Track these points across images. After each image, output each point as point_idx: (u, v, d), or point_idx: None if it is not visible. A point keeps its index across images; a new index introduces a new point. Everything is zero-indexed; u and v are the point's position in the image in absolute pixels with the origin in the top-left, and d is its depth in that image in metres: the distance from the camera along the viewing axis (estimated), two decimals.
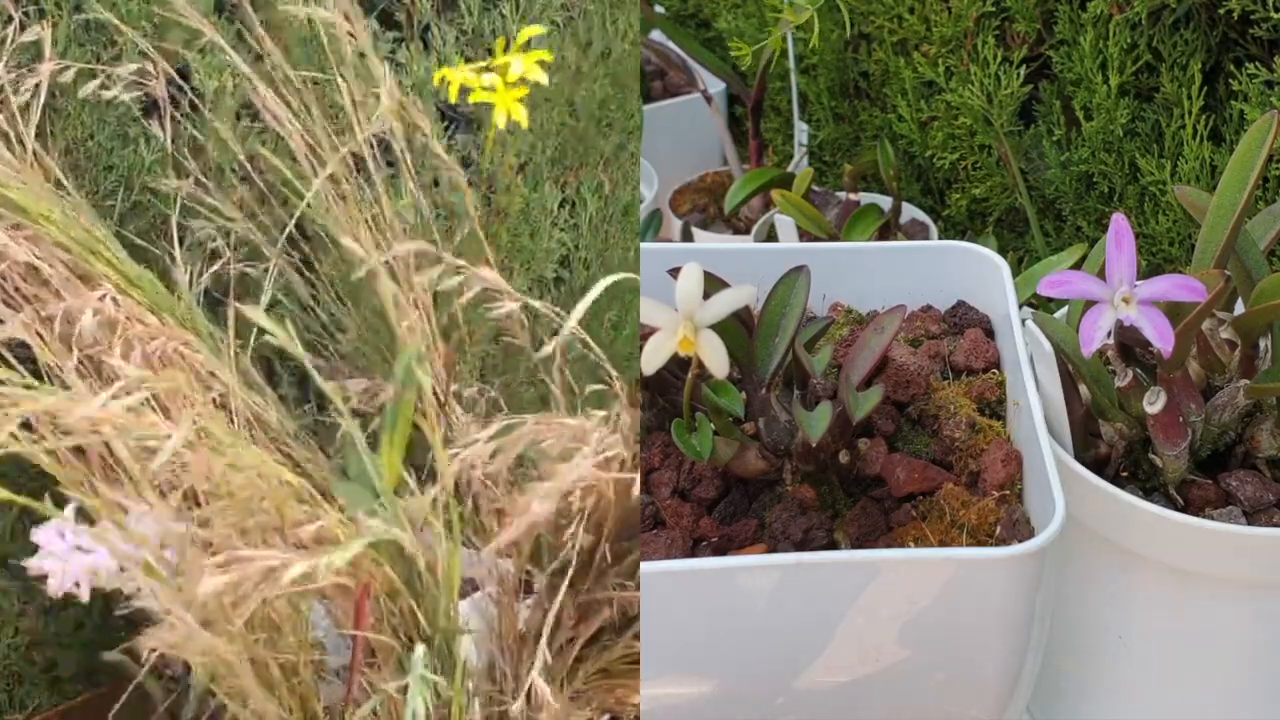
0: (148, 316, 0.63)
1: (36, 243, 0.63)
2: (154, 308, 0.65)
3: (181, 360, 0.63)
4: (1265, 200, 0.90)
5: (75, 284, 0.64)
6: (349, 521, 0.59)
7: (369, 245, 0.69)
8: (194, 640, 0.56)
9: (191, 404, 0.61)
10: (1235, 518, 0.69)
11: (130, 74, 0.68)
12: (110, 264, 0.65)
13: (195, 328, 0.68)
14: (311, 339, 0.81)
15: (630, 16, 0.88)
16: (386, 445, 0.60)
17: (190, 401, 0.61)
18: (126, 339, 0.61)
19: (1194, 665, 0.74)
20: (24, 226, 0.64)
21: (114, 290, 0.63)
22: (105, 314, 0.61)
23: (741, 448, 0.67)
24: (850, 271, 0.82)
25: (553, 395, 0.66)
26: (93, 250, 0.65)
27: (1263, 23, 0.88)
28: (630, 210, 0.89)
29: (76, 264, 0.65)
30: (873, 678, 0.62)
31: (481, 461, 0.60)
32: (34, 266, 0.63)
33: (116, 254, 0.67)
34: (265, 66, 0.80)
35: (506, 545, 0.60)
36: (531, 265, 0.83)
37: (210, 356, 0.64)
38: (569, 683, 0.64)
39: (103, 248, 0.66)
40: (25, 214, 0.64)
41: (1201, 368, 0.73)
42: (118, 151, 0.78)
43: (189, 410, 0.57)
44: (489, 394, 0.70)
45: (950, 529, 0.65)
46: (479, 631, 0.64)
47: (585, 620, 0.63)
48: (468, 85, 0.66)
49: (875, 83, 1.25)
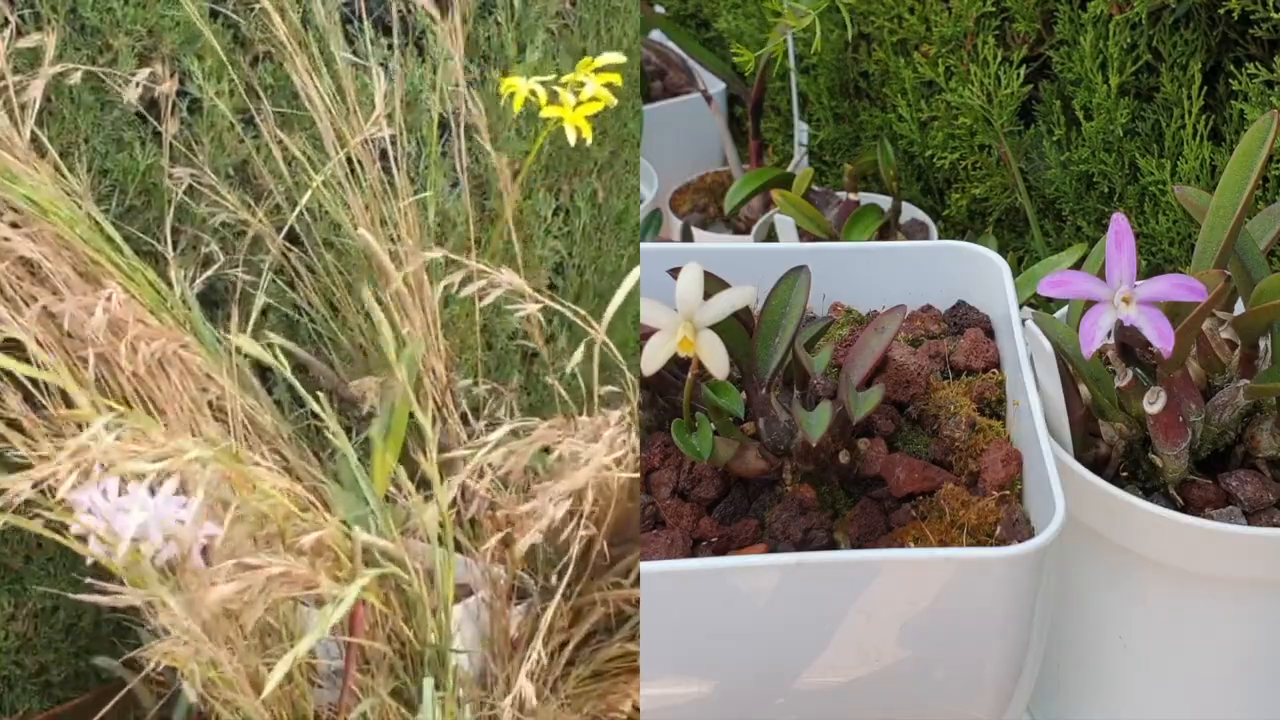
0: (148, 317, 0.63)
1: (37, 240, 0.63)
2: (154, 308, 0.65)
3: (181, 362, 0.63)
4: (1265, 200, 0.90)
5: (78, 282, 0.64)
6: (347, 533, 0.59)
7: (384, 243, 0.69)
8: (201, 652, 0.56)
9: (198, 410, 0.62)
10: (1235, 518, 0.69)
11: (141, 79, 0.68)
12: (114, 263, 0.65)
13: (194, 330, 0.68)
14: (308, 341, 0.81)
15: (626, 25, 0.88)
16: (380, 452, 0.60)
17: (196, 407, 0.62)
18: (130, 341, 0.61)
19: (1194, 665, 0.74)
20: (21, 225, 0.64)
21: (119, 290, 0.63)
22: (113, 313, 0.61)
23: (741, 448, 0.67)
24: (850, 271, 0.82)
25: (558, 395, 0.66)
26: (98, 248, 0.65)
27: (1263, 23, 0.88)
28: (625, 218, 0.89)
29: (78, 262, 0.65)
30: (873, 678, 0.62)
31: (491, 467, 0.60)
32: (32, 264, 0.63)
33: (120, 252, 0.67)
34: (263, 70, 0.80)
35: (521, 549, 0.60)
36: (524, 271, 0.83)
37: (208, 359, 0.64)
38: (560, 687, 0.64)
39: (108, 245, 0.66)
40: (37, 208, 0.64)
41: (1201, 368, 0.73)
42: (113, 155, 0.78)
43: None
44: (503, 395, 0.70)
45: (950, 529, 0.65)
46: (472, 636, 0.64)
47: (578, 622, 0.63)
48: (533, 101, 0.68)
49: (875, 83, 1.25)
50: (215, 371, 0.65)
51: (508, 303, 0.65)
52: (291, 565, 0.55)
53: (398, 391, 0.62)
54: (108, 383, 0.65)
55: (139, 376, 0.63)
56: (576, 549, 0.63)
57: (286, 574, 0.55)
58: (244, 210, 0.75)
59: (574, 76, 0.69)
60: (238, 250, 0.76)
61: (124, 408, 0.62)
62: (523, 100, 0.69)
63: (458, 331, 0.80)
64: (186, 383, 0.64)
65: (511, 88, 0.69)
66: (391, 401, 0.63)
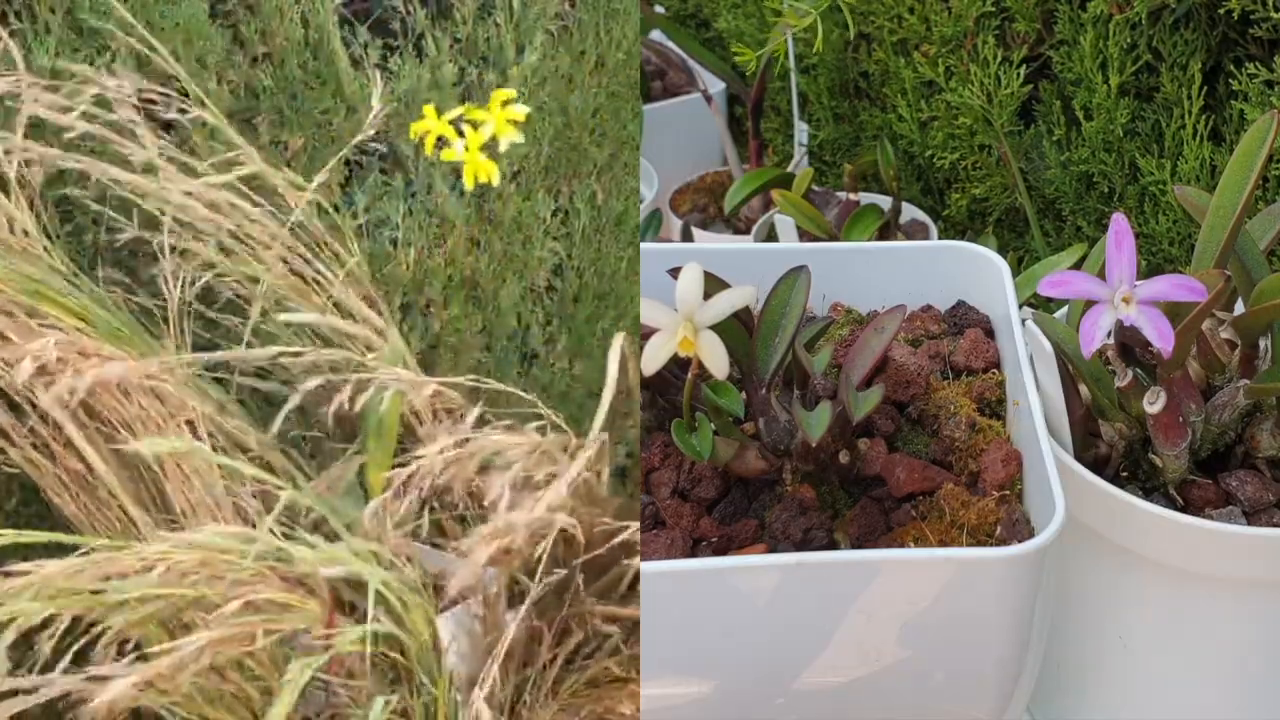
0: (105, 348, 0.62)
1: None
2: (115, 339, 0.64)
3: (150, 391, 0.62)
4: (1265, 200, 0.90)
5: (23, 324, 0.63)
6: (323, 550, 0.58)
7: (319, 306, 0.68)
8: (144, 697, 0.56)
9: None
10: (1235, 518, 0.69)
11: (128, 95, 0.67)
12: (56, 303, 0.64)
13: (166, 355, 0.67)
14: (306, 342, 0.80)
15: (626, 27, 0.88)
16: (373, 457, 0.60)
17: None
18: (76, 369, 0.60)
19: (1194, 665, 0.74)
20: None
21: (62, 331, 0.62)
22: (46, 360, 0.60)
23: (741, 448, 0.67)
24: (850, 271, 0.82)
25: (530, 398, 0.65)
26: (37, 290, 0.64)
27: (1263, 23, 0.88)
28: (624, 220, 0.89)
29: (9, 304, 0.64)
30: (873, 678, 0.62)
31: (432, 474, 0.60)
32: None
33: (62, 291, 0.65)
34: (262, 72, 0.80)
35: (463, 587, 0.60)
36: (524, 274, 0.83)
37: (179, 387, 0.63)
38: (555, 694, 0.64)
39: (45, 287, 0.65)
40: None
41: (1201, 368, 0.73)
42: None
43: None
44: (477, 405, 0.70)
45: (950, 529, 0.65)
46: (466, 643, 0.63)
47: (563, 641, 0.63)
48: (445, 137, 0.64)
49: (875, 83, 1.25)
50: (190, 396, 0.64)
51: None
52: (217, 635, 0.54)
53: (388, 395, 0.62)
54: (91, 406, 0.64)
55: (108, 399, 0.62)
56: (541, 578, 0.62)
57: (213, 643, 0.54)
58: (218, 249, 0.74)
59: (477, 113, 0.64)
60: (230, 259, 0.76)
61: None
62: (433, 142, 0.64)
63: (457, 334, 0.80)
64: (153, 406, 0.63)
65: (424, 128, 0.64)
66: (380, 408, 0.63)
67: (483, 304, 0.82)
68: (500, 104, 0.64)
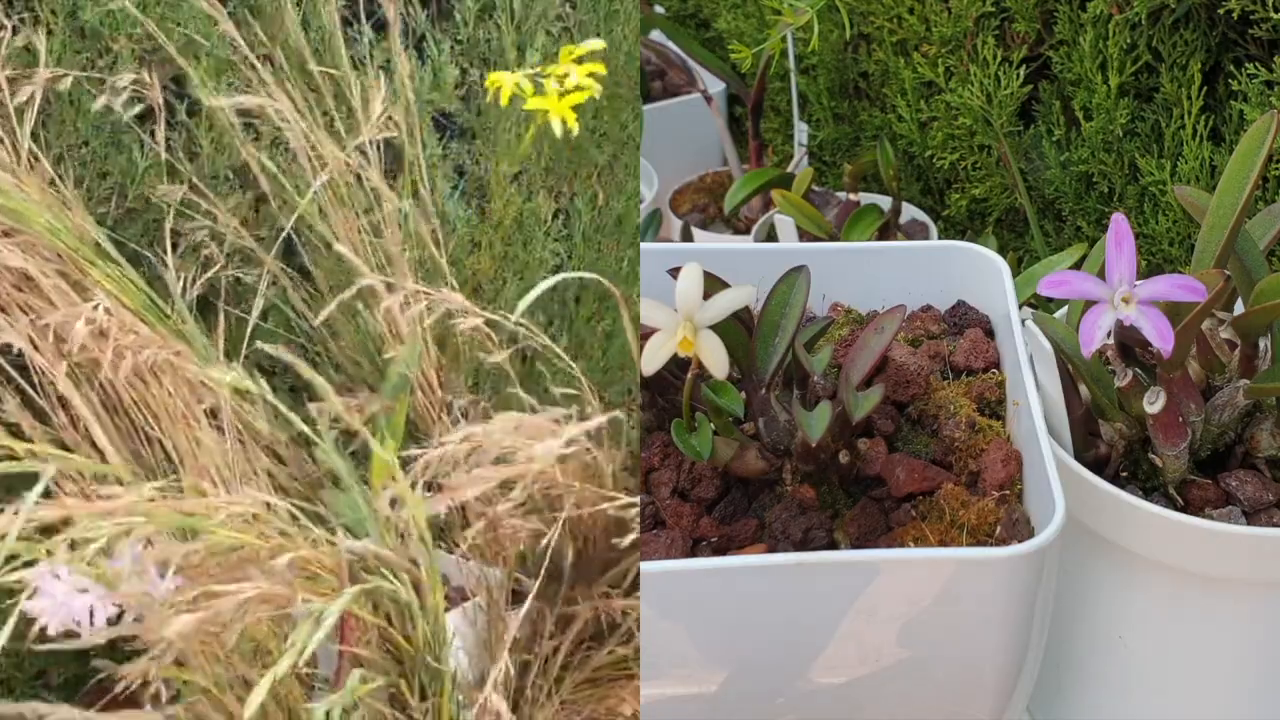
0: (140, 326, 0.63)
1: (30, 250, 0.63)
2: (145, 317, 0.65)
3: (173, 369, 0.63)
4: (1265, 200, 0.90)
5: (67, 292, 0.64)
6: (330, 542, 0.58)
7: (365, 255, 0.69)
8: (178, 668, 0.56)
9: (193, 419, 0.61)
10: (1235, 518, 0.69)
11: (127, 84, 0.68)
12: (103, 272, 0.65)
13: (187, 337, 0.68)
14: (304, 344, 0.81)
15: (626, 28, 0.88)
16: (379, 453, 0.60)
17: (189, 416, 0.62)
18: (118, 348, 0.61)
19: (1194, 665, 0.74)
20: (15, 233, 0.64)
21: (106, 300, 0.63)
22: (98, 325, 0.61)
23: (741, 448, 0.68)
24: (850, 271, 0.82)
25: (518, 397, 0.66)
26: (86, 258, 0.65)
27: (1262, 23, 0.88)
28: (625, 221, 0.89)
29: (69, 272, 0.65)
30: (873, 678, 0.62)
31: (454, 461, 0.60)
32: (27, 274, 0.63)
33: (109, 262, 0.67)
34: (263, 71, 0.80)
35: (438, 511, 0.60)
36: (525, 274, 0.83)
37: (200, 368, 0.64)
38: (556, 692, 0.64)
39: (95, 256, 0.66)
40: (21, 220, 0.64)
41: (1201, 368, 0.73)
42: (113, 158, 0.78)
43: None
44: (481, 404, 0.70)
45: (950, 529, 0.65)
46: (470, 640, 0.64)
47: (566, 629, 0.63)
48: (519, 94, 0.68)
49: (875, 83, 1.25)
50: (209, 380, 0.64)
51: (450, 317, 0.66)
52: (265, 588, 0.55)
53: (390, 398, 0.62)
54: (105, 390, 0.65)
55: (131, 384, 0.63)
56: (548, 553, 0.63)
57: (261, 596, 0.55)
58: (236, 224, 0.75)
59: (556, 68, 0.69)
60: (237, 254, 0.76)
61: (65, 454, 0.61)
62: (509, 95, 0.69)
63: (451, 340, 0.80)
64: (180, 390, 0.64)
65: (497, 82, 0.69)
66: (387, 408, 0.63)
67: (483, 304, 0.82)
68: (575, 58, 0.68)
